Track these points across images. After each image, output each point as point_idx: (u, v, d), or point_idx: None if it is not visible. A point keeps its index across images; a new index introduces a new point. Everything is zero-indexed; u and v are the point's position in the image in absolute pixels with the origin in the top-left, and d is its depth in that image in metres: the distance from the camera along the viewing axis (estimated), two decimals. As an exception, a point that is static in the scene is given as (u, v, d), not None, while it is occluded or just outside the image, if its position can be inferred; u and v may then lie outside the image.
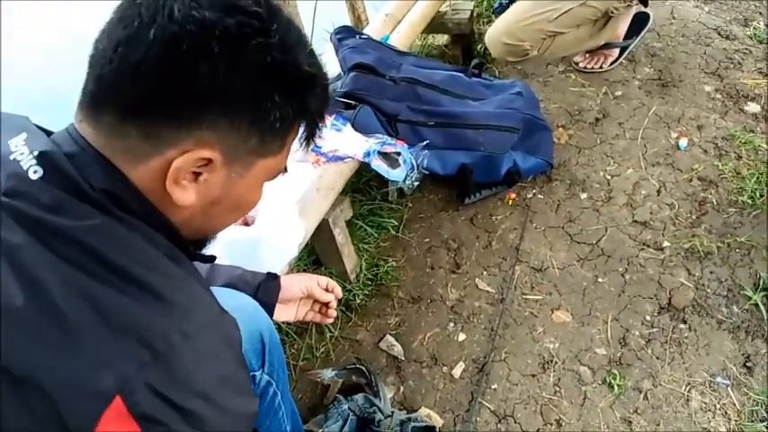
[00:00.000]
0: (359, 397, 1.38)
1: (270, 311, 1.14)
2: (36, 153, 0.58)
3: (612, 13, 2.01)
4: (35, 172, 0.57)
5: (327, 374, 1.50)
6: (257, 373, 1.04)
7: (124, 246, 0.58)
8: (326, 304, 1.23)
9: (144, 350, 0.54)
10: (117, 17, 0.58)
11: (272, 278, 1.16)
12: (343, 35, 1.74)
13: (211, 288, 0.69)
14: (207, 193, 0.63)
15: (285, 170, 0.70)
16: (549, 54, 2.06)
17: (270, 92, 0.59)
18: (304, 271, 1.75)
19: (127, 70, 0.56)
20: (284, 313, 1.19)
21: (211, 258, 0.75)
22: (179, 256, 0.65)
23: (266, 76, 0.59)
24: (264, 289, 1.13)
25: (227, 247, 1.25)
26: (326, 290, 1.22)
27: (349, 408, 1.35)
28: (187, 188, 0.61)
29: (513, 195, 1.87)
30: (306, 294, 1.20)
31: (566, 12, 1.93)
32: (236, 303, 0.90)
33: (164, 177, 0.60)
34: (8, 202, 0.56)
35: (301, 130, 0.68)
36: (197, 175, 0.61)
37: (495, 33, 2.01)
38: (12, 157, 0.58)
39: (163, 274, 0.60)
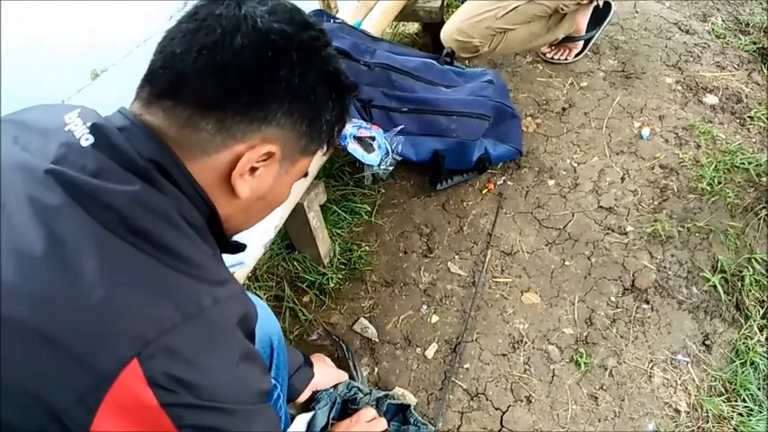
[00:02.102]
0: (341, 386, 1.41)
1: (296, 397, 1.29)
2: (89, 124, 0.62)
3: (563, 9, 2.04)
4: (87, 140, 0.61)
5: (314, 336, 1.59)
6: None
7: (159, 214, 0.60)
8: None
9: (173, 311, 0.55)
10: (193, 26, 0.65)
11: (308, 366, 1.31)
12: (318, 19, 1.74)
13: None
14: (258, 187, 0.69)
15: (306, 174, 0.77)
16: (501, 50, 2.08)
17: (327, 96, 0.69)
18: (277, 255, 1.76)
19: (213, 70, 0.62)
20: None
21: (243, 246, 0.77)
22: (208, 235, 0.67)
23: (327, 82, 0.68)
24: (298, 375, 1.28)
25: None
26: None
27: (339, 398, 1.38)
28: (246, 181, 0.67)
29: (492, 186, 1.90)
30: None
31: (512, 9, 1.96)
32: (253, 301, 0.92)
33: (224, 170, 0.66)
34: (54, 168, 0.58)
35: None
36: (254, 170, 0.67)
37: (447, 30, 2.03)
38: (66, 128, 0.63)
39: (195, 243, 0.63)
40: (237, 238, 0.80)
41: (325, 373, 1.39)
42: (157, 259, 0.57)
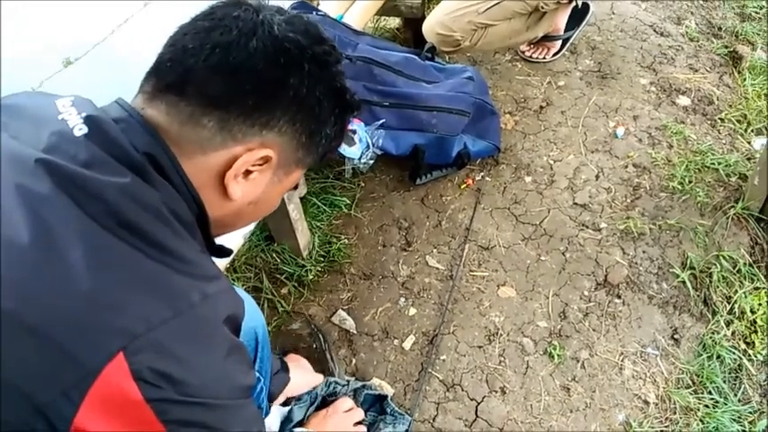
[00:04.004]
0: (320, 384, 1.42)
1: (271, 401, 1.27)
2: (84, 114, 0.62)
3: (542, 8, 2.07)
4: (80, 129, 0.60)
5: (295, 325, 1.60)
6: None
7: (149, 208, 0.59)
8: None
9: (164, 307, 0.55)
10: (209, 25, 0.65)
11: (285, 371, 1.31)
12: (301, 10, 1.74)
13: None
14: (251, 192, 0.69)
15: (296, 186, 0.78)
16: (482, 45, 2.10)
17: (331, 111, 0.70)
18: (256, 247, 1.76)
19: (224, 69, 0.63)
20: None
21: (228, 252, 0.77)
22: (197, 232, 0.67)
23: (334, 97, 0.69)
24: (275, 380, 1.27)
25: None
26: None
27: (318, 395, 1.39)
28: (239, 183, 0.67)
29: (470, 181, 1.93)
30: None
31: (494, 5, 1.98)
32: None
33: (219, 170, 0.66)
34: (44, 157, 0.57)
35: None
36: (249, 173, 0.67)
37: (429, 23, 2.05)
38: (60, 117, 0.61)
39: (184, 239, 0.62)
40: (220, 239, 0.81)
41: (302, 377, 1.39)
42: (146, 253, 0.57)
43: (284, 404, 1.38)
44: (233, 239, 1.37)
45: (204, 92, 0.63)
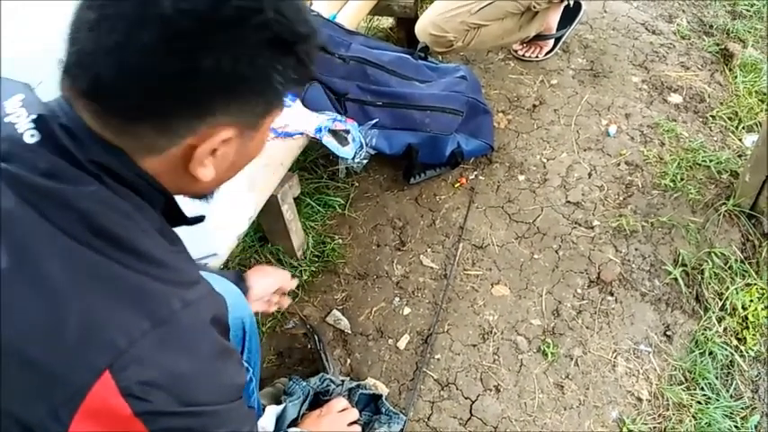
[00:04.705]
0: (314, 379, 1.42)
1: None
2: (34, 117, 0.57)
3: (535, 7, 2.08)
4: (32, 136, 0.57)
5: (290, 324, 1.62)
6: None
7: (122, 214, 0.58)
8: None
9: (143, 319, 0.54)
10: (95, 17, 0.55)
11: (241, 280, 1.20)
12: None
13: (202, 272, 0.70)
14: (224, 163, 0.64)
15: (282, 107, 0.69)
16: (475, 45, 2.11)
17: (273, 63, 0.59)
18: (250, 248, 1.76)
19: (129, 77, 0.54)
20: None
21: (200, 218, 0.74)
22: (171, 233, 0.66)
23: (268, 51, 0.58)
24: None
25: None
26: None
27: (311, 391, 1.39)
28: (207, 166, 0.62)
29: (464, 180, 1.93)
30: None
31: (486, 5, 1.99)
32: (222, 288, 0.92)
33: (181, 162, 0.61)
34: (5, 168, 0.54)
35: None
36: (214, 150, 0.62)
37: (422, 24, 2.06)
38: (7, 119, 0.57)
39: (161, 244, 0.61)
40: (218, 231, 0.80)
41: (264, 280, 1.28)
42: (123, 263, 0.56)
43: (277, 402, 1.38)
44: (226, 240, 1.37)
45: (122, 105, 0.57)
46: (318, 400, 1.41)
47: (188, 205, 0.72)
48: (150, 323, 0.54)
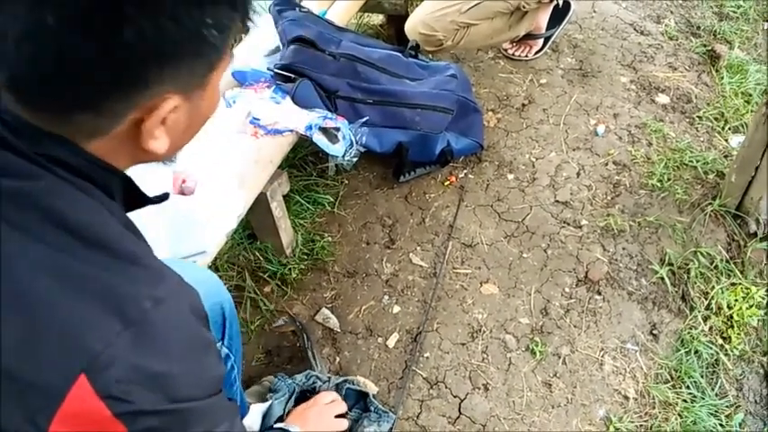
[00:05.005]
0: (300, 376, 1.41)
1: None
2: None
3: (524, 7, 2.09)
4: None
5: (279, 321, 1.60)
6: (217, 345, 1.05)
7: (88, 209, 0.56)
8: None
9: (115, 320, 0.53)
10: None
11: None
12: (283, 7, 1.73)
13: (172, 260, 0.68)
14: (177, 128, 0.61)
15: (232, 57, 0.65)
16: (464, 44, 2.11)
17: (201, 19, 0.54)
18: (238, 245, 1.75)
19: (45, 66, 0.50)
20: None
21: (165, 197, 0.70)
22: (134, 228, 0.64)
23: (192, 7, 0.53)
24: None
25: (167, 217, 1.24)
26: None
27: (297, 388, 1.38)
28: (160, 138, 0.59)
29: (453, 179, 1.93)
30: None
31: (476, 5, 1.99)
32: (198, 277, 0.90)
33: (130, 138, 0.58)
34: None
35: None
36: (164, 120, 0.58)
37: (412, 22, 2.05)
38: None
39: (129, 238, 0.60)
40: (207, 228, 0.77)
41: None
42: (92, 262, 0.54)
43: (263, 401, 1.37)
44: (215, 237, 1.36)
45: (48, 95, 0.53)
46: (305, 398, 1.41)
47: (150, 184, 0.69)
48: (123, 324, 0.53)
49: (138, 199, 0.66)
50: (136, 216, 0.67)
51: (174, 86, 0.56)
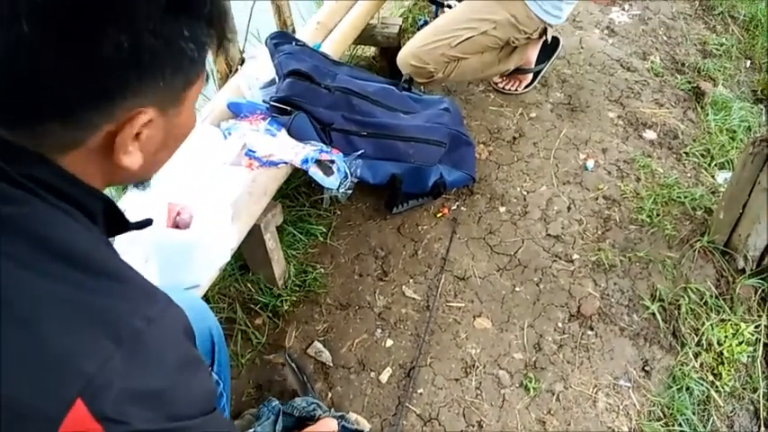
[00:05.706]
0: (299, 400, 1.38)
1: None
2: None
3: (513, 42, 2.13)
4: None
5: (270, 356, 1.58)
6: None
7: (72, 232, 0.56)
8: None
9: (108, 342, 0.53)
10: None
11: None
12: (279, 40, 1.74)
13: (160, 285, 0.68)
14: (151, 145, 0.61)
15: (207, 77, 0.66)
16: (455, 77, 2.14)
17: (179, 32, 0.54)
18: (230, 276, 1.73)
19: (19, 79, 0.50)
20: None
21: (148, 222, 0.70)
22: (114, 250, 0.64)
23: (169, 19, 0.53)
24: None
25: (159, 250, 1.22)
26: None
27: (283, 411, 1.35)
28: (133, 153, 0.59)
29: (446, 211, 1.94)
30: None
31: (466, 39, 2.02)
32: (188, 303, 0.89)
33: (104, 151, 0.58)
34: None
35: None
36: (138, 135, 0.58)
37: (404, 55, 2.08)
38: None
39: (115, 260, 0.60)
40: (200, 262, 0.76)
41: None
42: (80, 285, 0.54)
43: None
44: (208, 271, 1.35)
45: (22, 115, 0.53)
46: (303, 425, 1.37)
47: (135, 211, 0.69)
48: (116, 344, 0.53)
49: (119, 224, 0.66)
50: (130, 249, 0.66)
51: (150, 100, 0.56)
